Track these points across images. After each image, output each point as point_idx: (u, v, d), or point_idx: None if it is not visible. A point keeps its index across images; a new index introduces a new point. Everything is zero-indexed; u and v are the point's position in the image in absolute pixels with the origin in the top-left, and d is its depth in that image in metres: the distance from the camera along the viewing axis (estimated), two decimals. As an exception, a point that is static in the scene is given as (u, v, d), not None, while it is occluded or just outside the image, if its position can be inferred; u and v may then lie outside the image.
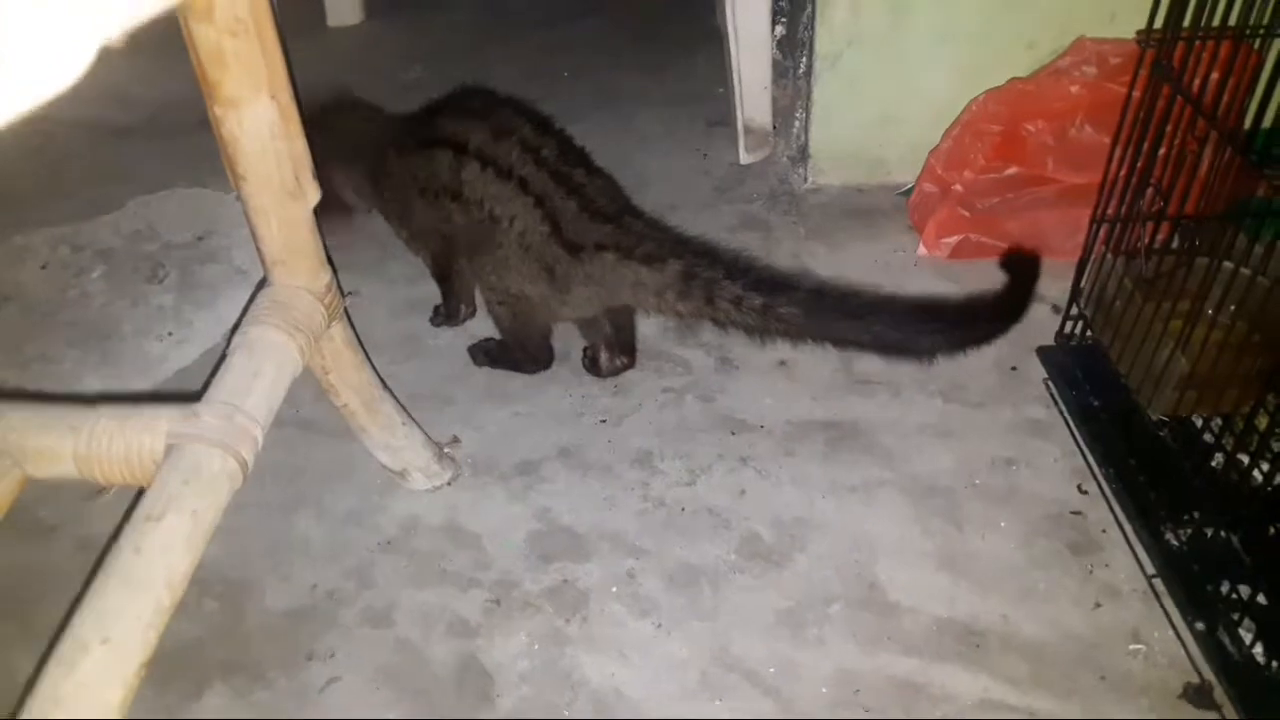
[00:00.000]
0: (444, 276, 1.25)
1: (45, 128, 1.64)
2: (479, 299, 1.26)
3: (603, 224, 1.08)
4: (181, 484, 0.71)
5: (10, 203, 1.47)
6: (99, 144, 1.62)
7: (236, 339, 0.83)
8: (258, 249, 0.86)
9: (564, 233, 1.07)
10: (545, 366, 1.22)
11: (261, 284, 0.89)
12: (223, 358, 0.83)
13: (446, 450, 1.10)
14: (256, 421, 0.78)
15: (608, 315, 1.18)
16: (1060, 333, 1.16)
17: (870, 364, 1.19)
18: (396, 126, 1.25)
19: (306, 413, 1.15)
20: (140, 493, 0.72)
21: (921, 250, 1.36)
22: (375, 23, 1.90)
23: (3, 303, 1.34)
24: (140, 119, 1.67)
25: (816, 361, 1.20)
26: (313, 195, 0.85)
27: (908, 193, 1.46)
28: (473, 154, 1.10)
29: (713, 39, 1.76)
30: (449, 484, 1.08)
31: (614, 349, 1.21)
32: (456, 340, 1.26)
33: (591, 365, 1.21)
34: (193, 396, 0.88)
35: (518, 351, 1.21)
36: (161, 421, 0.75)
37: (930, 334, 1.01)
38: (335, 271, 0.92)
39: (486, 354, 1.23)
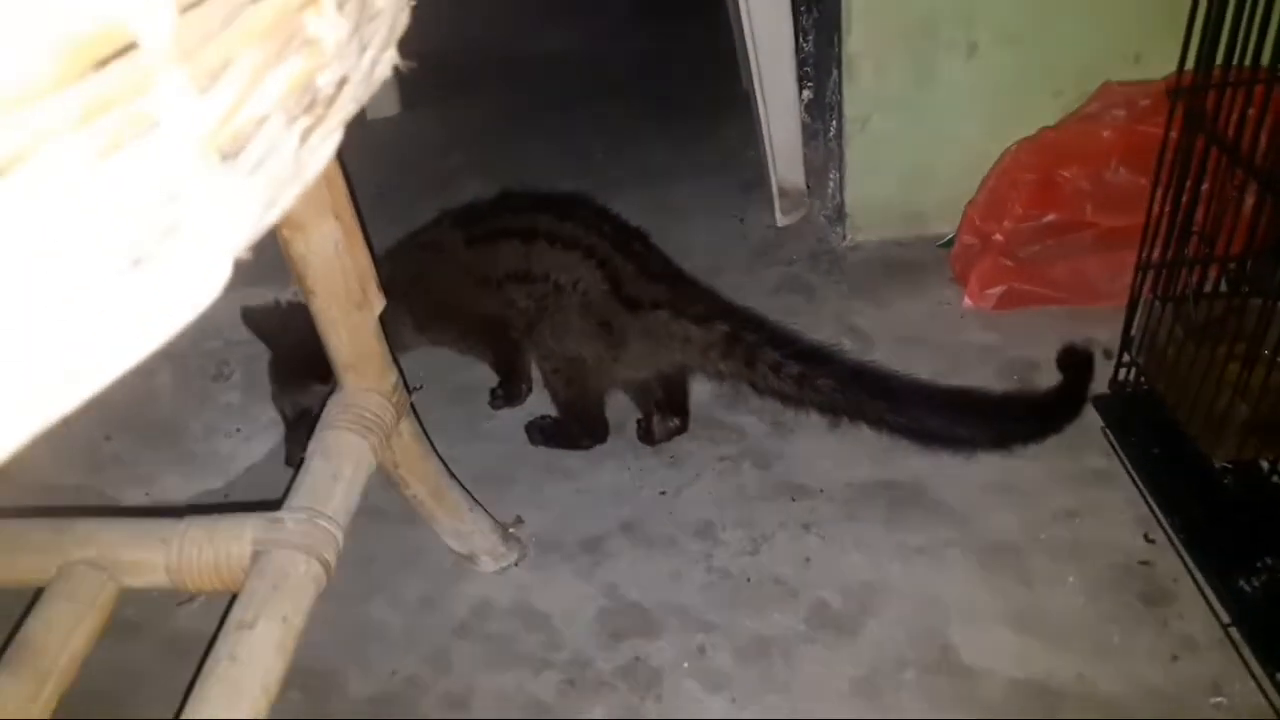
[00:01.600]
0: (504, 362, 1.29)
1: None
2: (536, 376, 1.29)
3: (658, 284, 1.15)
4: (271, 589, 0.74)
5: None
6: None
7: (314, 444, 0.87)
8: (329, 356, 0.90)
9: (623, 290, 1.14)
10: (601, 440, 1.24)
11: (333, 389, 0.93)
12: (301, 461, 0.86)
13: (512, 531, 1.13)
14: (337, 524, 0.81)
15: (659, 380, 1.21)
16: (1114, 380, 1.16)
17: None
18: (414, 252, 1.29)
19: (375, 501, 1.17)
20: (231, 599, 0.75)
21: (967, 302, 1.38)
22: (413, 113, 1.97)
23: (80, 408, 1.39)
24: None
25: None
26: (378, 304, 0.89)
27: (948, 244, 1.48)
28: (542, 236, 1.17)
29: (740, 104, 1.80)
30: (516, 564, 1.10)
31: (665, 412, 1.24)
32: (514, 420, 1.29)
33: (645, 435, 1.24)
34: (265, 494, 0.91)
35: (574, 425, 1.24)
36: (248, 529, 0.78)
37: (971, 426, 1.05)
38: (401, 370, 0.96)
39: (543, 432, 1.26)
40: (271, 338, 1.22)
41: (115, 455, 1.31)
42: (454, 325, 1.29)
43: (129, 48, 0.27)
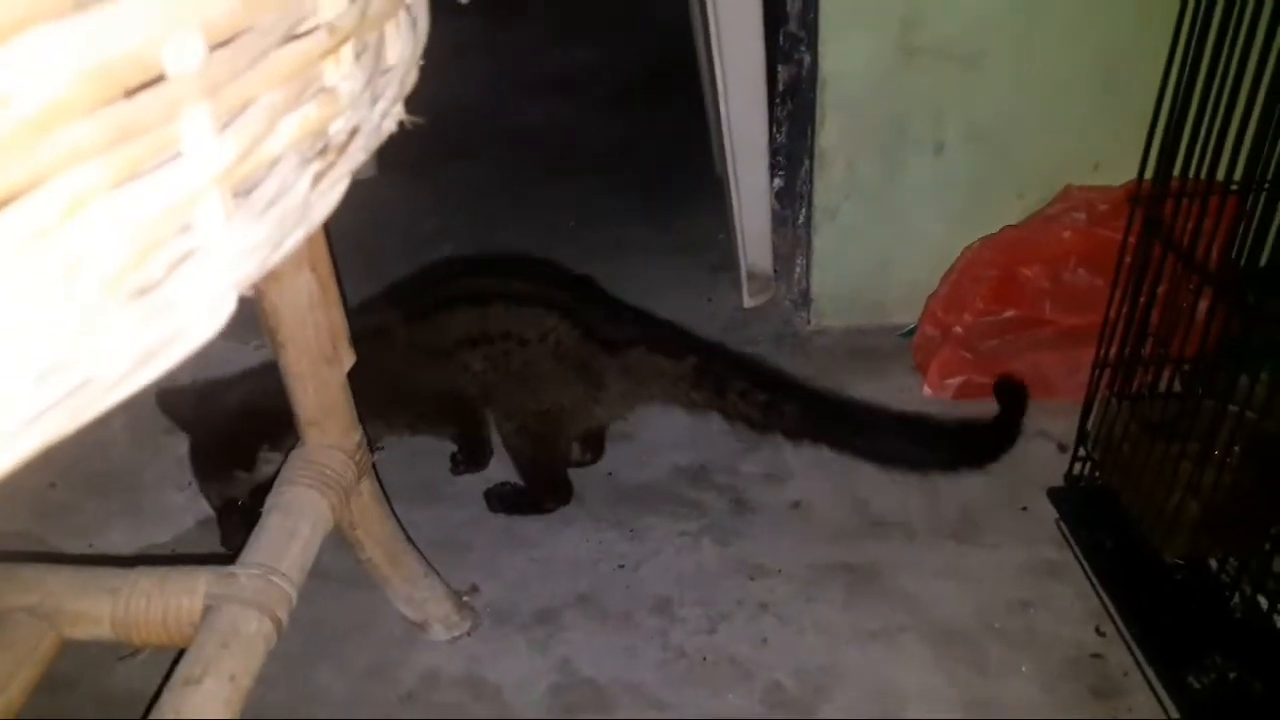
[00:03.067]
0: (466, 432, 1.28)
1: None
2: (496, 440, 1.29)
3: (627, 324, 1.21)
4: (220, 646, 0.72)
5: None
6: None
7: (272, 498, 0.85)
8: (294, 411, 0.89)
9: (596, 333, 1.16)
10: (565, 500, 1.24)
11: (293, 444, 0.91)
12: (257, 515, 0.85)
13: (466, 599, 1.11)
14: (291, 581, 0.79)
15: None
16: (1069, 474, 1.18)
17: (884, 504, 1.21)
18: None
19: (325, 563, 1.14)
20: (175, 656, 0.73)
21: (926, 391, 1.40)
22: (388, 177, 1.98)
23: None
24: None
25: (831, 503, 1.22)
26: (347, 360, 0.88)
27: (909, 334, 1.51)
28: (497, 297, 1.17)
29: (713, 188, 1.84)
30: (469, 634, 1.08)
31: (584, 446, 1.30)
32: (474, 485, 1.27)
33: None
34: (213, 549, 0.89)
35: (538, 486, 1.23)
36: (200, 582, 0.76)
37: (922, 448, 1.15)
38: (365, 429, 0.95)
39: (502, 500, 1.24)
40: (188, 424, 1.18)
41: (60, 503, 1.27)
42: (406, 410, 1.26)
43: (158, 79, 0.27)
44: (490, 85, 2.47)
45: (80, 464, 1.33)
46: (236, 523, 1.12)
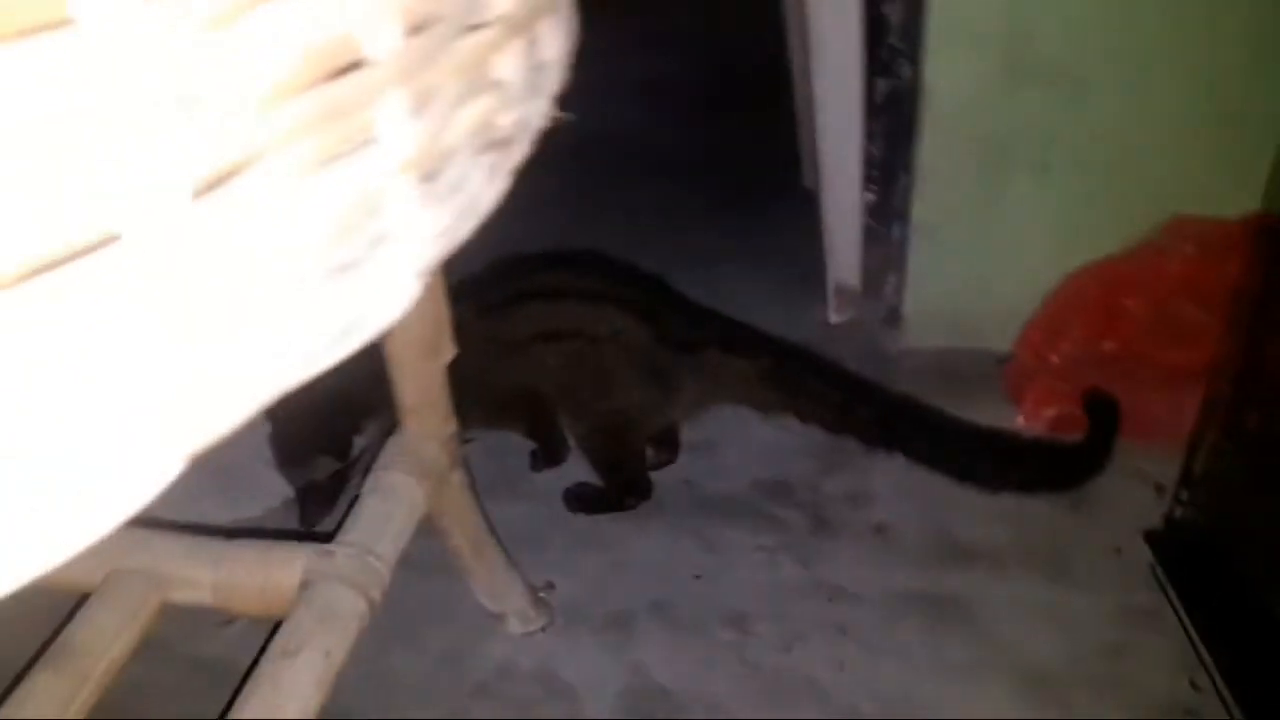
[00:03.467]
0: (541, 429, 1.28)
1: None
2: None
3: (700, 323, 1.20)
4: (316, 621, 0.73)
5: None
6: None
7: (370, 482, 0.87)
8: (395, 398, 0.90)
9: (668, 333, 1.16)
10: (646, 496, 1.24)
11: (391, 430, 0.93)
12: (355, 499, 0.86)
13: (542, 596, 1.11)
14: (386, 563, 0.80)
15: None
16: (1169, 517, 1.14)
17: (971, 533, 1.19)
18: None
19: (409, 548, 1.17)
20: (271, 629, 0.74)
21: (1019, 421, 1.37)
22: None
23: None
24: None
25: (915, 528, 1.20)
26: (448, 352, 0.90)
27: (1003, 361, 1.48)
28: (569, 293, 1.18)
29: (800, 200, 1.83)
30: (544, 630, 1.09)
31: (658, 446, 1.29)
32: (554, 482, 1.28)
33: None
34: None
35: (616, 485, 1.23)
36: (299, 558, 0.78)
37: (1002, 467, 1.12)
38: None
39: (581, 500, 1.25)
40: (268, 409, 1.20)
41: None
42: (480, 404, 1.24)
43: (357, 63, 0.28)
44: (570, 90, 2.48)
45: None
46: (316, 505, 1.14)
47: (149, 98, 0.22)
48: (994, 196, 1.44)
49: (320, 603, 0.74)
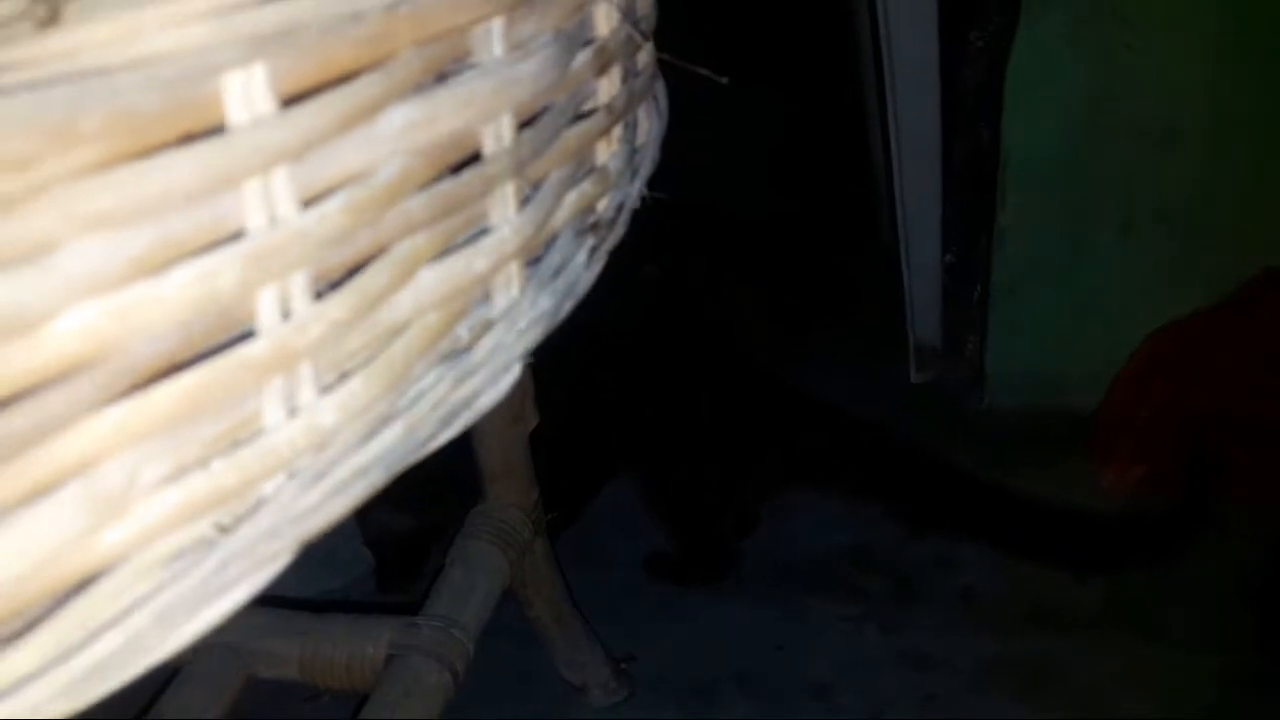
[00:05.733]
0: None
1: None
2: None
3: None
4: (402, 695, 0.73)
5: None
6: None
7: (454, 552, 0.87)
8: (478, 465, 0.91)
9: None
10: (725, 576, 1.22)
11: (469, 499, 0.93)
12: (440, 569, 0.87)
13: (624, 667, 1.10)
14: (470, 635, 0.80)
15: None
16: (1271, 575, 1.09)
17: (1063, 595, 1.14)
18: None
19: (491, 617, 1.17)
20: (359, 702, 0.75)
21: (1106, 481, 1.33)
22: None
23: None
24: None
25: (1004, 592, 1.16)
26: (532, 420, 0.90)
27: (1088, 419, 1.44)
28: None
29: (879, 259, 1.81)
30: (624, 701, 1.07)
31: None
32: (633, 551, 1.27)
33: None
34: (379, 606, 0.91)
35: (694, 560, 1.22)
36: (385, 631, 0.78)
37: (1092, 551, 1.10)
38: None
39: (661, 569, 1.23)
40: None
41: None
42: None
43: (475, 157, 0.29)
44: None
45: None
46: (394, 566, 1.15)
47: (278, 197, 0.22)
48: (1075, 255, 1.41)
49: (405, 677, 0.74)
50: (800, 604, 1.18)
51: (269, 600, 0.84)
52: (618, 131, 0.37)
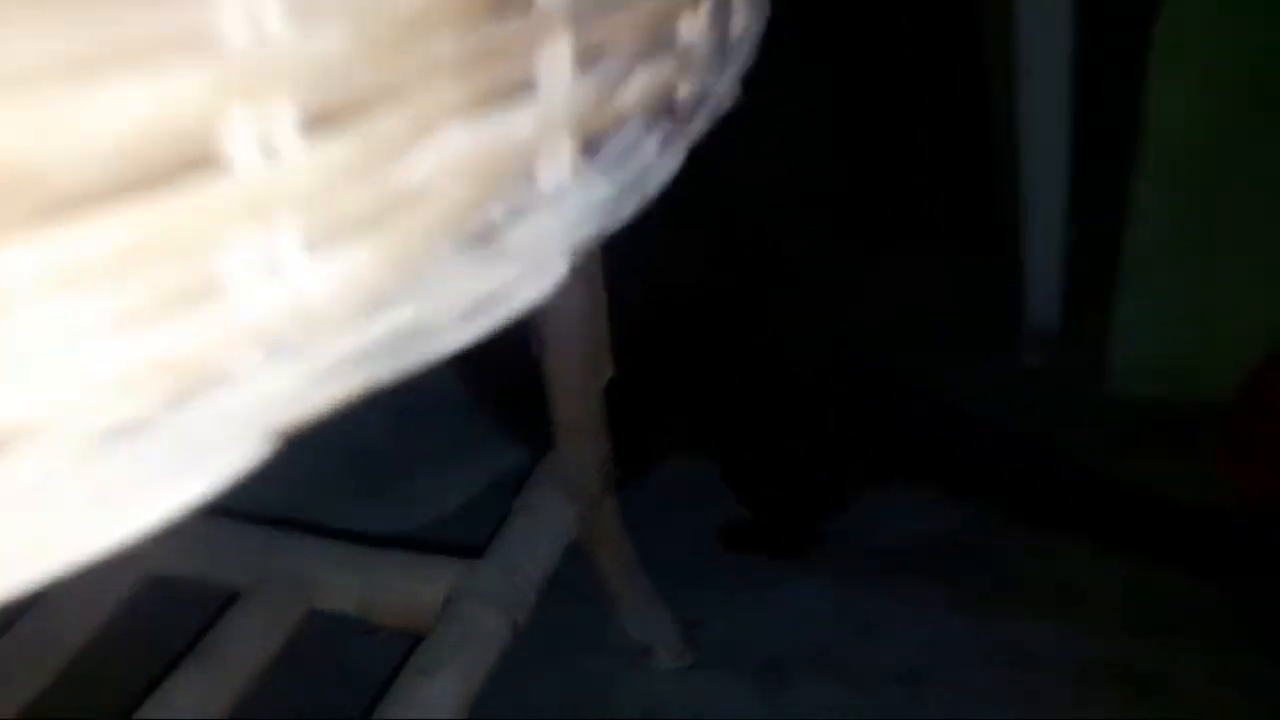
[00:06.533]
0: None
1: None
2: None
3: None
4: (457, 641, 0.71)
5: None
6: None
7: (520, 500, 0.84)
8: (551, 415, 0.87)
9: None
10: (806, 551, 1.16)
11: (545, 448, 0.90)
12: (505, 517, 0.83)
13: (692, 632, 1.06)
14: (533, 584, 0.77)
15: None
16: None
17: (1178, 597, 1.05)
18: None
19: (555, 571, 1.14)
20: (415, 641, 0.72)
21: (1240, 483, 1.22)
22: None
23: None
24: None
25: (1111, 589, 1.08)
26: (606, 371, 0.86)
27: (1222, 415, 1.32)
28: None
29: (994, 233, 1.71)
30: (690, 668, 1.03)
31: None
32: (709, 516, 1.22)
33: None
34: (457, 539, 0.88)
35: (774, 533, 1.17)
36: (445, 573, 0.76)
37: (1213, 550, 1.02)
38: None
39: (739, 537, 1.18)
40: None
41: (317, 474, 1.32)
42: None
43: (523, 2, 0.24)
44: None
45: (345, 435, 1.39)
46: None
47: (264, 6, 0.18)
48: (1215, 236, 1.30)
49: (462, 621, 0.72)
50: (885, 585, 1.12)
51: (334, 532, 0.82)
52: (707, 9, 0.31)
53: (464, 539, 1.14)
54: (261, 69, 0.18)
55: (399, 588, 0.75)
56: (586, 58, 0.26)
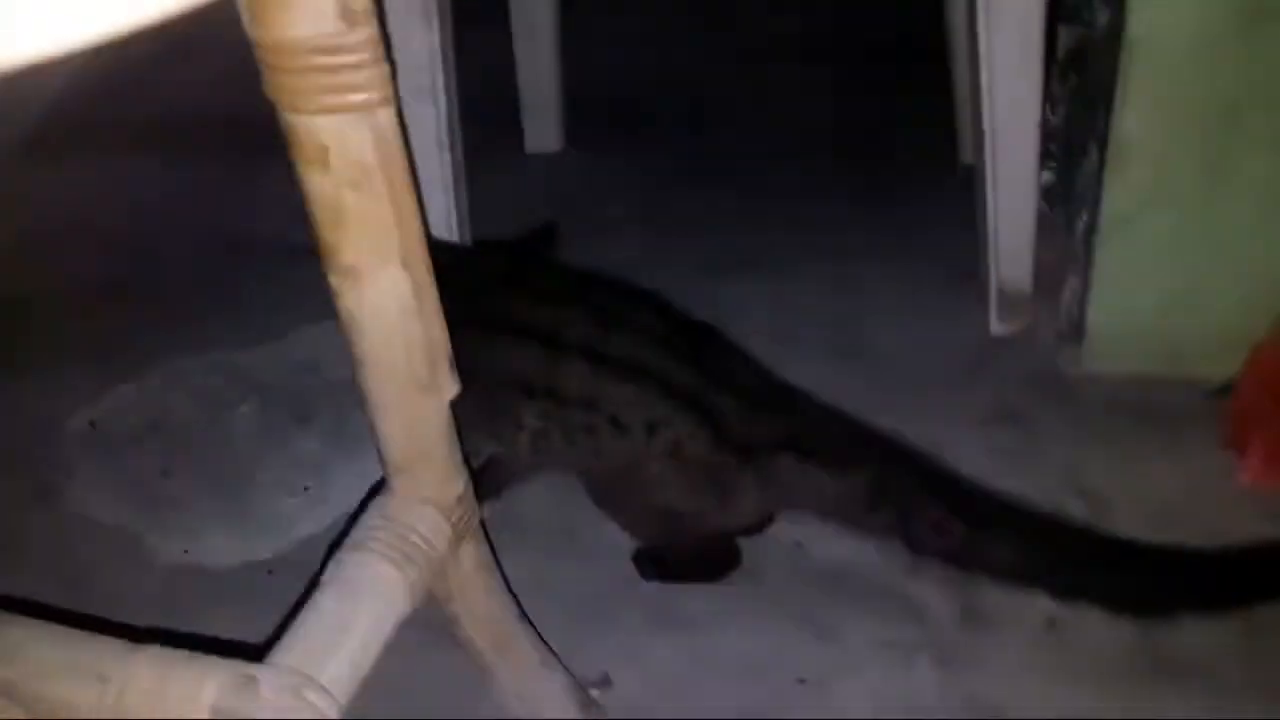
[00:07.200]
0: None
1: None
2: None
3: (771, 415, 0.89)
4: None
5: (180, 324, 1.37)
6: (281, 261, 1.52)
7: (331, 569, 0.62)
8: (377, 450, 0.66)
9: (728, 433, 0.87)
10: (732, 568, 0.97)
11: (379, 488, 0.69)
12: (310, 588, 0.62)
13: (595, 695, 0.85)
14: (333, 699, 0.56)
15: None
16: None
17: (1179, 635, 0.86)
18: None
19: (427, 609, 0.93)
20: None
21: (1244, 478, 1.03)
22: (575, 151, 1.75)
23: (148, 433, 1.21)
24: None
25: (1102, 626, 0.88)
26: (448, 389, 0.64)
27: (1219, 392, 1.13)
28: (579, 350, 0.88)
29: (955, 183, 1.51)
30: (593, 744, 0.83)
31: None
32: (625, 541, 1.01)
33: None
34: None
35: (690, 561, 0.97)
36: (208, 688, 0.54)
37: (1221, 590, 0.83)
38: (473, 475, 0.71)
39: (656, 564, 0.98)
40: None
41: (169, 497, 1.12)
42: None
43: None
44: (694, 56, 2.19)
45: (197, 451, 1.18)
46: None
47: None
48: (1215, 180, 1.09)
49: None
50: (833, 621, 0.92)
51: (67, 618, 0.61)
52: None
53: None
54: None
55: (148, 706, 0.54)
56: None
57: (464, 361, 0.89)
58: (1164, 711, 0.81)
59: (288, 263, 1.53)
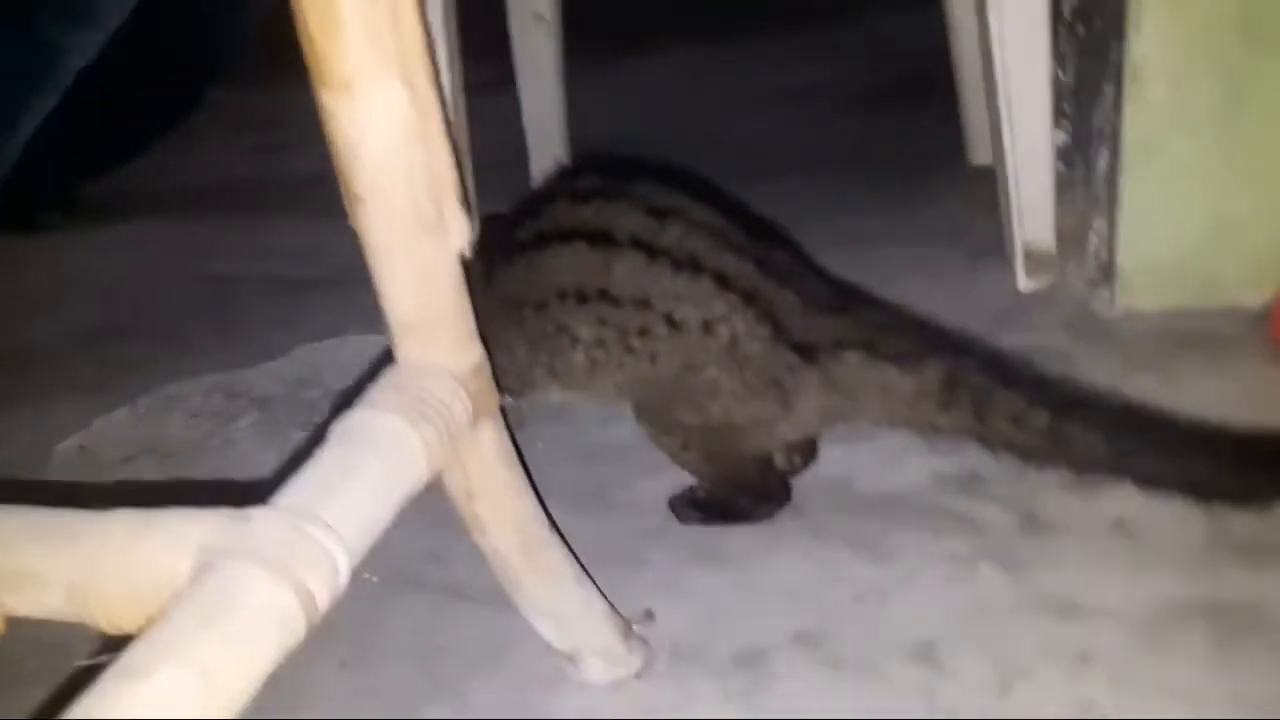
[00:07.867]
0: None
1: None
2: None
3: (836, 316, 0.83)
4: (197, 623, 0.44)
5: (173, 352, 1.34)
6: (281, 295, 1.51)
7: (335, 427, 0.57)
8: (382, 308, 0.61)
9: (789, 330, 0.81)
10: (781, 503, 0.91)
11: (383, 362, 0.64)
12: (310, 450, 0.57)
13: (637, 629, 0.78)
14: (339, 537, 0.50)
15: None
16: None
17: (1252, 522, 0.79)
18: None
19: (459, 574, 0.87)
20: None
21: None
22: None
23: (140, 455, 1.17)
24: (328, 273, 1.54)
25: (1171, 521, 0.81)
26: (459, 233, 0.61)
27: (1262, 316, 1.08)
28: (632, 243, 0.83)
29: (966, 178, 1.50)
30: (637, 676, 0.75)
31: (791, 449, 0.94)
32: (657, 491, 0.95)
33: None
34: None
35: (734, 495, 0.91)
36: (194, 529, 0.49)
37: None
38: (492, 359, 0.66)
39: (697, 506, 0.92)
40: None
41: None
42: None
43: None
44: (714, 102, 2.22)
45: (196, 464, 1.13)
46: None
47: None
48: (1239, 99, 1.06)
49: (212, 594, 0.45)
50: (887, 542, 0.85)
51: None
52: None
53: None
54: None
55: (126, 559, 0.49)
56: None
57: (511, 291, 0.87)
58: (1247, 590, 0.74)
59: (286, 291, 1.53)
